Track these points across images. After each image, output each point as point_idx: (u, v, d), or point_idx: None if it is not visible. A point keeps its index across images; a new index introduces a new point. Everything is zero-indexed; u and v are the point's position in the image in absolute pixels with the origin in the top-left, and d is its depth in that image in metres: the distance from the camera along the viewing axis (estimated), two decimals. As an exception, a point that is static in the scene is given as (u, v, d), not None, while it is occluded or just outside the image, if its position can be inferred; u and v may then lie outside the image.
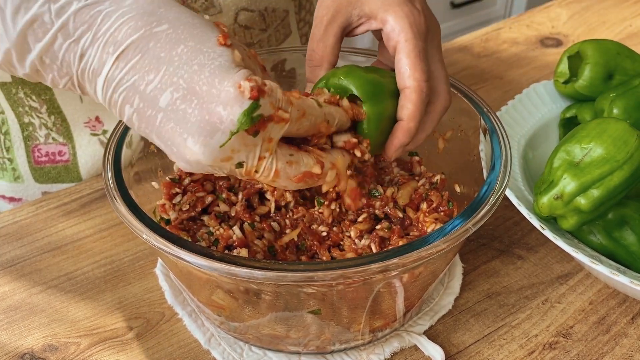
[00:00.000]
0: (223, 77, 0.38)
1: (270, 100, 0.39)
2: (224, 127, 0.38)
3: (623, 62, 0.73)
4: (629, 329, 0.57)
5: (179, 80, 0.38)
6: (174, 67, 0.38)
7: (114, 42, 0.39)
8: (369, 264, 0.41)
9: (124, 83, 0.39)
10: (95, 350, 0.55)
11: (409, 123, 0.48)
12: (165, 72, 0.39)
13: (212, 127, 0.38)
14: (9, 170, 0.76)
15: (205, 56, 0.39)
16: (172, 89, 0.38)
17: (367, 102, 0.47)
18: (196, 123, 0.38)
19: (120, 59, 0.39)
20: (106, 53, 0.39)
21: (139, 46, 0.39)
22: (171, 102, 0.39)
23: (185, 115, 0.38)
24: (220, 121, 0.38)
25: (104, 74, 0.40)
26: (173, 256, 0.43)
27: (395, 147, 0.49)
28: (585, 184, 0.54)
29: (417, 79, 0.47)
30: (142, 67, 0.39)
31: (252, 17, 0.73)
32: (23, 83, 0.69)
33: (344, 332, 0.51)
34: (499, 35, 1.03)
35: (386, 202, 0.56)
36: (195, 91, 0.38)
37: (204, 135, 0.38)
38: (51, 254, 0.64)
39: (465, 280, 0.61)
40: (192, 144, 0.39)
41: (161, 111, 0.39)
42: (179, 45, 0.39)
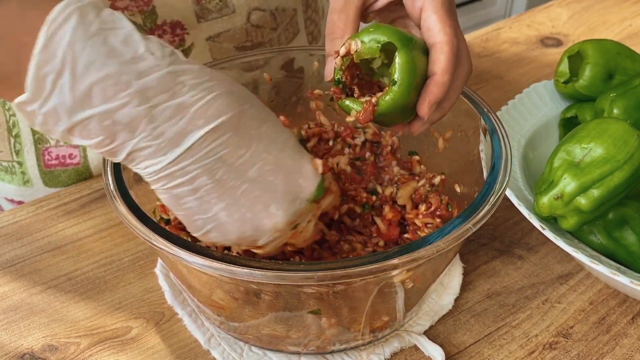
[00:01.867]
0: (300, 155, 0.45)
1: (328, 176, 0.47)
2: (303, 196, 0.44)
3: (623, 62, 0.73)
4: (629, 329, 0.57)
5: (268, 156, 0.43)
6: (264, 144, 0.42)
7: (204, 116, 0.39)
8: (369, 264, 0.41)
9: (211, 156, 0.40)
10: (95, 350, 0.55)
11: (443, 76, 0.46)
12: (256, 149, 0.42)
13: (294, 196, 0.44)
14: (18, 174, 0.76)
15: (284, 136, 0.44)
16: (262, 163, 0.42)
17: (401, 49, 0.44)
18: (282, 192, 0.43)
19: (212, 133, 0.40)
20: (193, 125, 0.39)
21: (231, 123, 0.41)
22: (260, 174, 0.42)
23: (272, 185, 0.43)
24: (301, 191, 0.44)
25: (186, 144, 0.39)
26: (173, 256, 0.43)
27: (430, 103, 0.46)
28: (585, 184, 0.54)
29: (448, 33, 0.46)
30: (234, 142, 0.41)
31: (263, 16, 0.73)
32: None
33: (344, 332, 0.51)
34: (499, 35, 1.03)
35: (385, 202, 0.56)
36: (282, 165, 0.43)
37: (287, 202, 0.44)
38: (51, 254, 0.64)
39: (465, 280, 0.61)
40: (275, 209, 0.43)
41: (248, 181, 0.42)
42: (263, 124, 0.43)
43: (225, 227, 0.44)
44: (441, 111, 0.49)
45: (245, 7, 0.71)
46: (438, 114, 0.49)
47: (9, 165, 0.76)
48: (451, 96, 0.49)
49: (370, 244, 0.54)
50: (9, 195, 0.78)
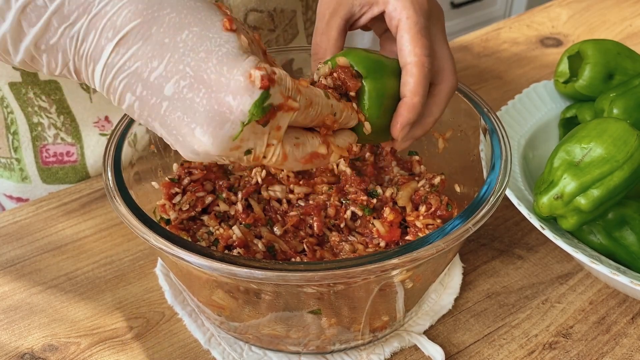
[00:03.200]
0: (232, 65, 0.37)
1: (280, 89, 0.38)
2: (234, 118, 0.37)
3: (623, 62, 0.73)
4: (629, 328, 0.57)
5: (186, 68, 0.37)
6: (180, 54, 0.37)
7: (113, 26, 0.37)
8: (369, 264, 0.41)
9: (125, 70, 0.38)
10: (95, 350, 0.55)
11: (412, 98, 0.46)
12: (170, 59, 0.37)
13: (222, 118, 0.37)
14: (16, 170, 0.76)
15: (212, 42, 0.38)
16: (178, 77, 0.37)
17: (367, 77, 0.46)
18: (205, 113, 0.37)
19: (120, 45, 0.37)
20: (105, 38, 0.37)
21: (140, 32, 0.37)
22: (177, 91, 0.37)
23: (192, 104, 0.37)
24: (230, 111, 0.37)
25: (102, 60, 0.38)
26: (173, 256, 0.43)
27: (401, 125, 0.47)
28: (585, 184, 0.54)
29: (418, 54, 0.47)
30: (144, 54, 0.37)
31: (261, 17, 0.73)
32: (33, 83, 0.69)
33: (344, 332, 0.51)
34: (499, 35, 1.03)
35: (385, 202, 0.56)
36: (203, 79, 0.37)
37: (213, 125, 0.37)
38: (51, 254, 0.64)
39: (465, 280, 0.61)
40: (201, 135, 0.38)
41: (167, 99, 0.38)
42: (184, 31, 0.38)
43: (176, 148, 0.40)
44: (424, 127, 0.50)
45: (242, 8, 0.71)
46: (420, 130, 0.50)
47: (8, 161, 0.76)
48: (434, 112, 0.50)
49: (372, 245, 0.54)
50: (8, 191, 0.79)
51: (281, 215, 0.55)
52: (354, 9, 0.52)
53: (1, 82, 0.69)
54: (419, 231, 0.54)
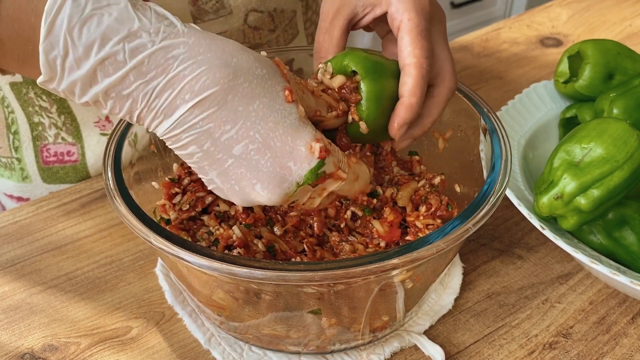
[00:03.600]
0: (295, 136, 0.43)
1: (333, 159, 0.44)
2: (292, 179, 0.43)
3: (623, 62, 0.73)
4: (629, 328, 0.57)
5: (255, 134, 0.42)
6: (251, 122, 0.41)
7: (191, 90, 0.40)
8: (369, 264, 0.41)
9: (197, 128, 0.41)
10: (96, 350, 0.55)
11: (409, 99, 0.47)
12: (242, 126, 0.41)
13: (282, 179, 0.43)
14: (17, 170, 0.76)
15: (279, 114, 0.42)
16: (247, 141, 0.42)
17: (365, 78, 0.47)
18: (267, 173, 0.42)
19: (197, 107, 0.40)
20: (181, 99, 0.40)
21: (217, 98, 0.40)
22: (245, 152, 0.42)
23: (258, 164, 0.42)
24: (290, 174, 0.43)
25: (175, 117, 0.41)
26: (173, 256, 0.43)
27: (398, 125, 0.48)
28: (585, 184, 0.54)
29: (417, 55, 0.47)
30: (219, 118, 0.41)
31: (261, 17, 0.73)
32: (34, 83, 0.69)
33: (344, 332, 0.51)
34: (499, 35, 1.03)
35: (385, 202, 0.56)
36: (270, 146, 0.42)
37: (273, 184, 0.43)
38: (51, 254, 0.64)
39: (465, 280, 0.61)
40: (261, 189, 0.43)
41: (233, 157, 0.42)
42: (255, 101, 0.42)
43: (222, 191, 0.44)
44: (422, 127, 0.51)
45: (242, 8, 0.71)
46: (419, 130, 0.51)
47: (8, 161, 0.76)
48: (433, 113, 0.50)
49: (372, 245, 0.54)
50: (9, 191, 0.79)
51: (281, 216, 0.55)
52: (357, 9, 0.52)
53: (2, 82, 0.69)
54: (419, 231, 0.54)
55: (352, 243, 0.53)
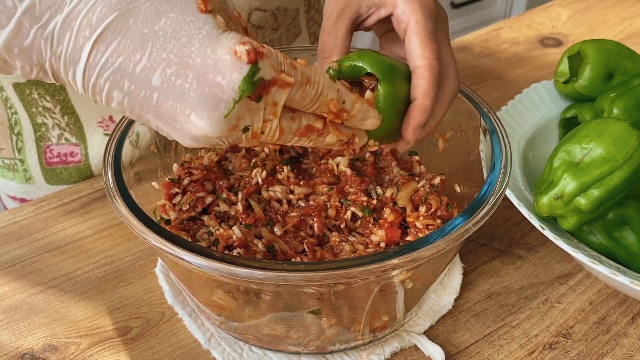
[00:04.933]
0: (215, 46, 0.37)
1: (269, 62, 0.38)
2: (227, 97, 0.37)
3: (623, 62, 0.73)
4: (629, 329, 0.57)
5: (169, 55, 0.37)
6: (161, 43, 0.37)
7: (89, 24, 0.36)
8: (369, 264, 0.41)
9: (108, 67, 0.37)
10: (95, 350, 0.55)
11: (424, 101, 0.47)
12: (152, 50, 0.37)
13: (215, 99, 0.37)
14: (20, 171, 0.76)
15: (191, 26, 0.37)
16: (163, 66, 0.37)
17: (382, 80, 0.46)
18: (197, 97, 0.37)
19: (99, 42, 0.37)
20: (82, 37, 0.37)
21: (117, 26, 0.36)
22: (165, 80, 0.37)
23: (183, 90, 0.37)
24: (222, 91, 0.37)
25: (83, 61, 0.37)
26: (173, 256, 0.43)
27: (414, 128, 0.47)
28: (585, 184, 0.54)
29: (428, 57, 0.47)
30: (125, 48, 0.37)
31: (264, 16, 0.73)
32: (37, 84, 0.69)
33: (344, 332, 0.51)
34: (499, 35, 1.03)
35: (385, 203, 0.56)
36: (189, 64, 0.37)
37: (207, 108, 0.37)
38: (51, 254, 0.64)
39: (465, 280, 0.61)
40: (197, 119, 0.38)
41: (156, 90, 0.38)
42: (161, 19, 0.37)
43: (174, 137, 0.40)
44: (427, 130, 0.50)
45: (245, 7, 0.71)
46: (424, 133, 0.50)
47: (11, 162, 0.76)
48: (437, 115, 0.50)
49: (372, 245, 0.54)
50: (11, 192, 0.79)
51: (281, 216, 0.55)
52: (361, 10, 0.52)
53: (5, 83, 0.69)
54: (419, 232, 0.54)
55: (352, 243, 0.53)
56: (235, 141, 0.40)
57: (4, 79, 0.69)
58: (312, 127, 0.43)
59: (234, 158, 0.59)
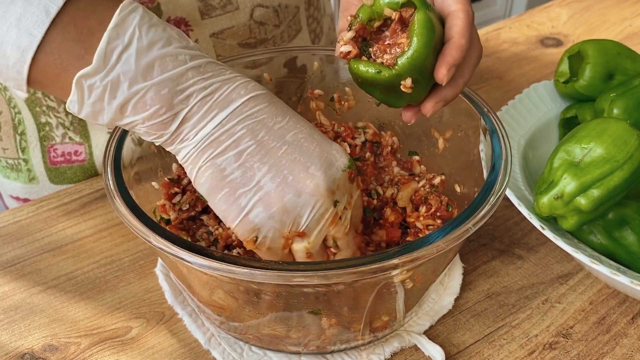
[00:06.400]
0: (330, 142, 0.48)
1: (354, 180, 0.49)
2: (338, 165, 0.47)
3: (623, 62, 0.73)
4: (629, 329, 0.57)
5: (302, 127, 0.47)
6: (297, 118, 0.47)
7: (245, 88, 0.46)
8: (369, 264, 0.41)
9: (253, 117, 0.45)
10: (96, 350, 0.55)
11: (460, 39, 0.46)
12: (291, 119, 0.47)
13: (330, 162, 0.47)
14: (23, 171, 0.76)
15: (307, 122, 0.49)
16: (297, 131, 0.46)
17: (420, 7, 0.44)
18: (318, 156, 0.46)
19: (251, 100, 0.45)
20: (236, 94, 0.45)
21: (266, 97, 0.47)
22: (296, 139, 0.46)
23: (309, 149, 0.46)
24: (336, 159, 0.47)
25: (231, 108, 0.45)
26: (173, 256, 0.43)
27: (448, 65, 0.45)
28: (585, 184, 0.54)
29: (463, 2, 0.47)
30: (270, 111, 0.46)
31: (266, 13, 0.74)
32: None
33: (344, 332, 0.51)
34: (499, 35, 1.03)
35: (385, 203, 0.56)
36: (315, 137, 0.47)
37: (325, 165, 0.46)
38: (51, 254, 0.64)
39: (465, 280, 0.61)
40: (315, 170, 0.46)
41: (286, 144, 0.45)
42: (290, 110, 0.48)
43: (269, 197, 0.45)
44: (455, 88, 0.49)
45: (248, 4, 0.72)
46: (451, 91, 0.49)
47: (15, 162, 0.76)
48: (465, 73, 0.49)
49: (373, 245, 0.54)
50: (15, 192, 0.79)
51: None
52: None
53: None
54: (419, 232, 0.54)
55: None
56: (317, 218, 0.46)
57: None
58: None
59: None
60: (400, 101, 0.49)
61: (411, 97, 0.47)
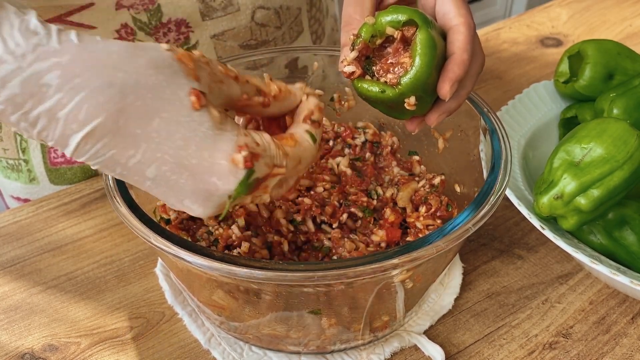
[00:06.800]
0: (212, 150, 0.38)
1: (264, 161, 0.40)
2: (221, 194, 0.39)
3: (623, 62, 0.73)
4: (629, 328, 0.57)
5: (164, 155, 0.37)
6: (156, 144, 0.37)
7: (76, 120, 0.36)
8: (369, 264, 0.41)
9: (99, 156, 0.37)
10: (96, 350, 0.55)
11: (462, 55, 0.46)
12: (146, 149, 0.37)
13: (209, 194, 0.39)
14: (24, 171, 0.76)
15: (186, 127, 0.37)
16: (158, 164, 0.38)
17: (422, 26, 0.44)
18: (190, 190, 0.39)
19: (88, 137, 0.36)
20: (69, 129, 0.36)
21: (106, 126, 0.36)
22: (160, 174, 0.38)
23: (177, 184, 0.38)
24: (216, 189, 0.39)
25: (71, 148, 0.37)
26: (173, 256, 0.43)
27: (452, 81, 0.45)
28: (585, 184, 0.54)
29: (464, 15, 0.47)
30: (117, 144, 0.37)
31: (268, 14, 0.74)
32: None
33: (344, 332, 0.51)
34: (499, 35, 1.03)
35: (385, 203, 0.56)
36: (185, 165, 0.38)
37: (201, 198, 0.39)
38: (51, 254, 0.64)
39: (465, 280, 0.61)
40: (190, 204, 0.40)
41: (149, 180, 0.39)
42: (154, 119, 0.37)
43: (165, 201, 0.41)
44: (458, 99, 0.49)
45: (249, 6, 0.72)
46: (455, 103, 0.49)
47: (15, 163, 0.76)
48: (467, 84, 0.49)
49: (373, 245, 0.54)
50: (15, 193, 0.79)
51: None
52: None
53: None
54: (419, 232, 0.54)
55: (353, 241, 0.53)
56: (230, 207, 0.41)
57: None
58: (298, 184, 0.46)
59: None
60: (404, 115, 0.49)
61: (415, 111, 0.47)
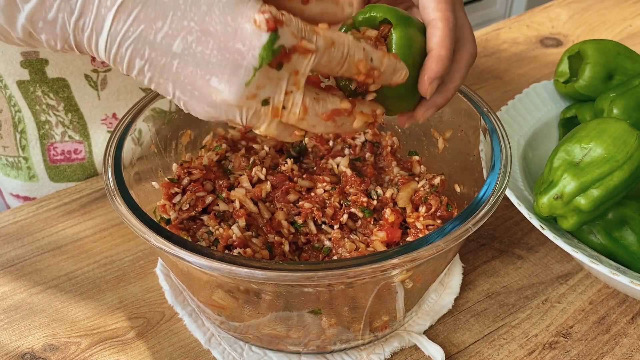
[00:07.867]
0: (235, 14, 0.37)
1: (290, 29, 0.38)
2: (247, 64, 0.38)
3: (623, 62, 0.73)
4: (629, 328, 0.57)
5: (190, 23, 0.37)
6: (182, 11, 0.37)
7: None
8: (369, 264, 0.41)
9: (130, 36, 0.38)
10: (96, 350, 0.55)
11: (439, 51, 0.45)
12: (173, 18, 0.37)
13: (235, 64, 0.38)
14: (24, 169, 0.76)
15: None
16: (184, 33, 0.38)
17: (397, 25, 0.44)
18: (217, 62, 0.38)
19: (120, 12, 0.37)
20: (104, 8, 0.37)
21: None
22: (186, 47, 0.38)
23: (203, 57, 0.38)
24: (242, 57, 0.38)
25: (105, 31, 0.38)
26: (173, 256, 0.43)
27: (429, 79, 0.45)
28: (585, 184, 0.54)
29: (442, 9, 0.46)
30: (146, 16, 0.37)
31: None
32: (41, 81, 0.69)
33: (344, 332, 0.51)
34: (499, 35, 1.03)
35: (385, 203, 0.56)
36: (210, 32, 0.37)
37: (227, 73, 0.38)
38: (51, 254, 0.64)
39: (465, 280, 0.61)
40: (217, 83, 0.38)
41: (177, 57, 0.38)
42: None
43: (191, 106, 0.40)
44: (445, 94, 0.48)
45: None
46: (442, 98, 0.48)
47: (15, 160, 0.76)
48: (455, 78, 0.48)
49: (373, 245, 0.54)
50: (15, 190, 0.79)
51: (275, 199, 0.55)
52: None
53: (9, 81, 0.69)
54: (419, 232, 0.54)
55: (353, 241, 0.53)
56: (253, 118, 0.40)
57: (8, 76, 0.69)
58: (340, 110, 0.42)
59: (234, 157, 0.59)
60: (390, 112, 0.48)
61: (400, 107, 0.47)
